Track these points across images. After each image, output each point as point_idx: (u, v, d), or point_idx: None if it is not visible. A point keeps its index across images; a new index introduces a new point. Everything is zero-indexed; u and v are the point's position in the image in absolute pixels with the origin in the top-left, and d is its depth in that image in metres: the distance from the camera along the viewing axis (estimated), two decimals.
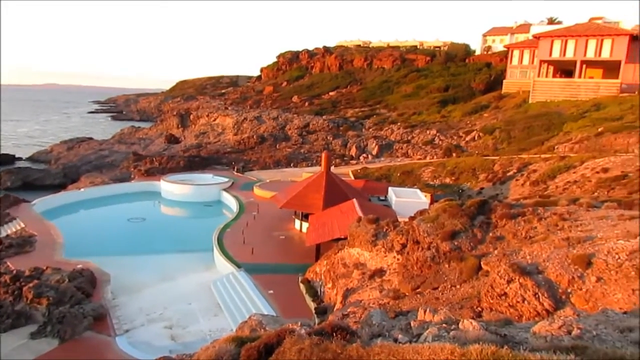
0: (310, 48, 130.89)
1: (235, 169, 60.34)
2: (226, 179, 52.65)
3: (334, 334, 4.16)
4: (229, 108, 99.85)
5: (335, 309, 19.64)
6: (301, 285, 25.16)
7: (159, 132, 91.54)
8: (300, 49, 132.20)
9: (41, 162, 78.90)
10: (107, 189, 50.33)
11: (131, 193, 49.79)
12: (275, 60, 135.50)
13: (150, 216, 42.68)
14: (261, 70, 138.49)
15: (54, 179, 64.23)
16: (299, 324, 4.88)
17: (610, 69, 64.28)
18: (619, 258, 11.51)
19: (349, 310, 15.95)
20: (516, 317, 10.88)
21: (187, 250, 33.19)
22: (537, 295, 11.11)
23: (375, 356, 3.26)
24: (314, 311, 21.93)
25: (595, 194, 28.02)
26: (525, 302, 11.14)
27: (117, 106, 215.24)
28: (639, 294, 10.12)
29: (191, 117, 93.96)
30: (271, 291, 24.77)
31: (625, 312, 7.02)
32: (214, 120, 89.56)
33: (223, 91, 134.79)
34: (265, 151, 71.06)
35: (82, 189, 49.30)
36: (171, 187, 49.01)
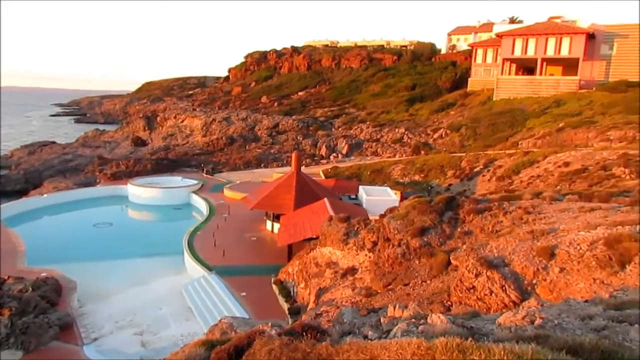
0: (278, 48, 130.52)
1: (205, 171, 59.60)
2: (195, 181, 51.95)
3: (305, 334, 4.17)
4: (197, 109, 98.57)
5: (308, 309, 19.65)
6: (274, 286, 25.07)
7: (125, 135, 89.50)
8: (268, 49, 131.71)
9: (1, 167, 75.94)
10: (72, 194, 48.86)
11: (97, 198, 48.55)
12: (243, 60, 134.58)
13: (117, 221, 41.69)
14: (229, 71, 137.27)
15: (14, 185, 61.86)
16: (270, 325, 4.87)
17: (569, 66, 66.55)
18: (581, 249, 11.93)
19: (322, 309, 16.01)
20: (484, 310, 11.14)
21: (156, 254, 32.57)
22: (504, 288, 11.41)
23: (344, 353, 3.29)
24: (287, 312, 21.89)
25: (558, 187, 28.95)
26: (493, 294, 11.42)
27: (81, 109, 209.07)
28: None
29: (158, 119, 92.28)
30: (244, 293, 24.59)
31: (586, 301, 7.28)
32: (182, 121, 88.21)
33: (191, 92, 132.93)
34: (235, 152, 70.45)
35: (45, 195, 47.71)
36: (139, 191, 48.00)
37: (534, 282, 11.58)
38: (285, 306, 22.70)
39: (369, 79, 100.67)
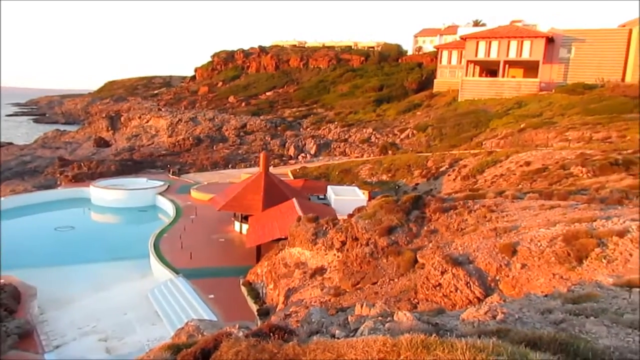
0: (246, 48, 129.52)
1: (171, 172, 58.58)
2: (161, 183, 50.97)
3: (272, 334, 4.16)
4: (163, 109, 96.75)
5: (277, 310, 19.60)
6: (242, 288, 24.87)
7: (87, 136, 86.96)
8: (235, 49, 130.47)
9: None
10: (31, 197, 47.10)
11: (58, 201, 46.97)
12: (210, 60, 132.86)
13: (79, 224, 40.45)
14: (195, 70, 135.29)
15: None
16: (237, 326, 4.84)
17: (530, 68, 68.69)
18: (541, 245, 12.35)
19: (291, 310, 15.99)
20: (450, 306, 11.37)
21: (121, 258, 31.78)
22: (468, 284, 11.69)
23: (311, 353, 3.30)
24: (256, 313, 21.75)
25: (520, 186, 29.84)
26: (458, 291, 11.68)
27: (40, 108, 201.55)
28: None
29: (122, 119, 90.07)
30: (212, 296, 24.30)
31: (546, 295, 7.54)
32: (147, 122, 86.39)
33: (156, 92, 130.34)
34: (202, 153, 69.51)
35: (1, 198, 45.81)
36: (102, 193, 46.74)
37: (497, 278, 11.91)
38: (254, 307, 22.56)
39: (337, 80, 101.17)
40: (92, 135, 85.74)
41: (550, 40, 66.80)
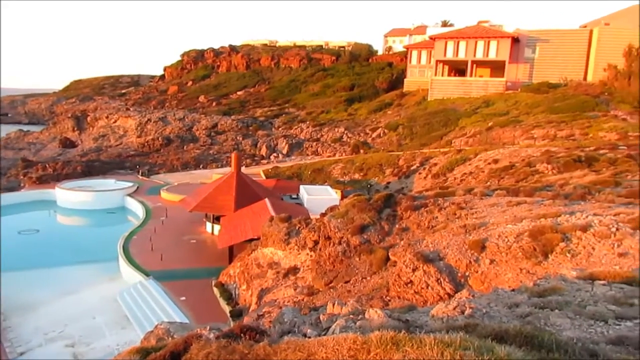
0: (216, 47, 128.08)
1: (140, 173, 57.44)
2: (130, 184, 49.94)
3: (243, 335, 4.13)
4: (131, 109, 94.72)
5: (250, 311, 19.47)
6: (215, 289, 24.63)
7: (52, 136, 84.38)
8: (205, 48, 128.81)
9: None
10: None
11: (21, 203, 45.44)
12: (179, 59, 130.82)
13: (45, 227, 39.25)
14: (165, 69, 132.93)
15: None
16: (208, 328, 4.78)
17: (497, 68, 70.26)
18: (508, 241, 12.66)
19: (264, 310, 15.91)
20: (421, 303, 11.54)
21: (89, 261, 31.01)
22: (439, 281, 11.88)
23: (282, 353, 3.29)
24: (228, 314, 21.58)
25: (488, 183, 30.49)
26: (429, 287, 11.86)
27: (1, 108, 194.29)
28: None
29: (88, 119, 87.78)
30: (183, 298, 23.97)
31: (513, 290, 7.73)
32: (115, 122, 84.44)
33: (124, 91, 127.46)
34: (172, 153, 68.42)
35: None
36: (68, 195, 45.47)
37: (467, 274, 12.15)
38: (227, 309, 22.37)
39: (308, 79, 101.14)
40: (58, 135, 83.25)
41: (515, 41, 68.48)
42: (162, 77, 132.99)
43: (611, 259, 10.56)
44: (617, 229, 11.55)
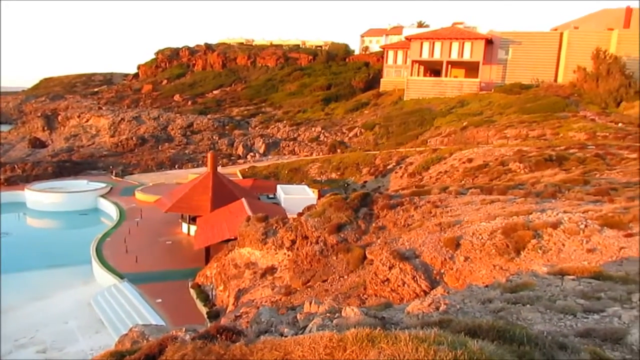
0: (191, 45, 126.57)
1: (114, 173, 56.38)
2: (103, 185, 48.97)
3: (219, 336, 4.10)
4: (104, 108, 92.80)
5: (227, 312, 19.34)
6: (191, 291, 24.37)
7: (21, 136, 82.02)
8: (180, 46, 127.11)
9: None
10: None
11: None
12: (153, 57, 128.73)
13: (14, 230, 38.16)
14: (138, 68, 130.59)
15: None
16: (184, 330, 4.73)
17: (471, 69, 71.42)
18: (482, 238, 12.90)
19: (241, 311, 15.83)
20: (398, 300, 11.66)
21: (60, 264, 30.29)
22: (415, 278, 12.03)
23: (258, 352, 3.29)
24: (206, 316, 21.39)
25: (462, 182, 30.99)
26: (405, 285, 11.99)
27: None
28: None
29: (59, 118, 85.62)
30: (159, 300, 23.63)
31: (486, 286, 7.88)
32: (87, 121, 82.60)
33: (96, 90, 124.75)
34: (147, 153, 67.34)
35: None
36: (39, 197, 44.31)
37: (442, 271, 12.33)
38: (204, 310, 22.16)
39: (285, 78, 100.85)
40: (27, 135, 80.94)
41: (489, 42, 69.72)
42: (136, 75, 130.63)
43: (580, 254, 10.87)
44: (586, 226, 11.90)
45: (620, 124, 43.96)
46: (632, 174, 23.52)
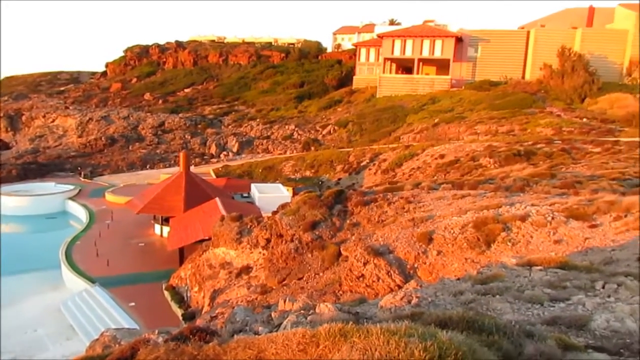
0: (161, 42, 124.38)
1: (82, 175, 55.07)
2: (71, 187, 47.75)
3: (192, 337, 4.07)
4: (71, 107, 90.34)
5: (203, 313, 19.17)
6: (166, 293, 24.04)
7: None
8: (150, 43, 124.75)
9: None
10: None
11: None
12: (122, 54, 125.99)
13: None
14: (107, 66, 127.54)
15: None
16: (156, 332, 4.68)
17: (442, 66, 72.46)
18: (454, 232, 13.14)
19: (217, 311, 15.72)
20: (373, 295, 11.78)
21: (28, 270, 29.37)
22: (389, 273, 12.17)
23: (232, 351, 3.28)
24: (181, 318, 21.14)
25: (435, 177, 31.47)
26: (380, 280, 12.13)
27: None
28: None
29: (23, 118, 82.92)
30: (132, 303, 23.22)
31: (458, 279, 8.04)
32: (53, 121, 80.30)
33: (62, 89, 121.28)
34: (117, 153, 65.97)
35: None
36: (3, 200, 42.89)
37: (416, 265, 12.52)
38: (179, 312, 21.90)
39: (257, 76, 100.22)
40: None
41: (459, 40, 70.85)
42: (104, 73, 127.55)
43: (547, 246, 11.20)
44: (553, 218, 12.26)
45: (584, 119, 45.39)
46: (595, 167, 24.34)
